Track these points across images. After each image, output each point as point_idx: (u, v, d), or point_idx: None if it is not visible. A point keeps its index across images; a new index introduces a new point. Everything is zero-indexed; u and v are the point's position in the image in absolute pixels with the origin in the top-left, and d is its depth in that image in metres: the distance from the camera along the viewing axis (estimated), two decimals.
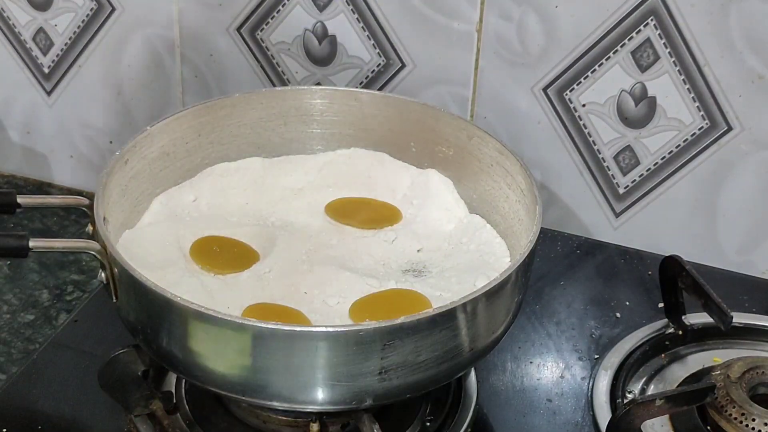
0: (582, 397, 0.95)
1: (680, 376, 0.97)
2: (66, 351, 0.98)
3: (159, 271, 0.87)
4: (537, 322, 1.03)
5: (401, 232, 0.97)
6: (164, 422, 0.88)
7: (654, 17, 1.03)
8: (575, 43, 1.07)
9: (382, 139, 1.02)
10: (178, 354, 0.79)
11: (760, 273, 1.11)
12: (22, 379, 0.95)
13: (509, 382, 0.97)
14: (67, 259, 1.15)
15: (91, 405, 0.92)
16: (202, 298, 0.84)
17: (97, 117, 1.26)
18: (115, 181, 0.89)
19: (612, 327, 1.03)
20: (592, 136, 1.11)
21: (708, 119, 1.06)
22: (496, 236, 0.95)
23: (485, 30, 1.08)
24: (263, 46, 1.16)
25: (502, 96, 1.11)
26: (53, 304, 1.10)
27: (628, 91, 1.07)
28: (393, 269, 0.93)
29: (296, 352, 0.75)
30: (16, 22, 1.23)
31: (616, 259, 1.12)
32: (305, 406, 0.79)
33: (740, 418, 0.87)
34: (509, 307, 0.83)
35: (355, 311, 0.86)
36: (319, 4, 1.12)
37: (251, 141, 1.02)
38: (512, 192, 0.93)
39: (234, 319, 0.76)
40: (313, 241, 0.95)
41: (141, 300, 0.79)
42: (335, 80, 1.16)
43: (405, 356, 0.76)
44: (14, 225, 1.20)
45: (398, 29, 1.11)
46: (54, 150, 1.29)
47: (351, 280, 0.90)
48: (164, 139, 0.96)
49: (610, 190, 1.13)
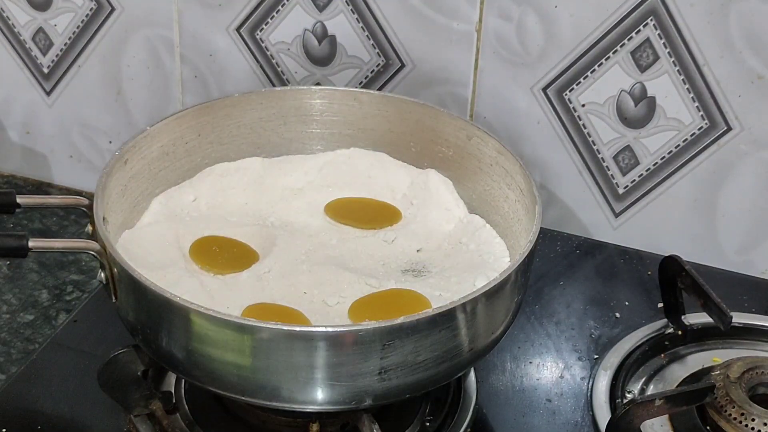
0: (581, 397, 0.95)
1: (680, 376, 0.97)
2: (65, 351, 0.98)
3: (158, 271, 0.87)
4: (536, 322, 1.03)
5: (401, 232, 0.97)
6: (164, 422, 0.88)
7: (653, 17, 1.03)
8: (575, 43, 1.07)
9: (382, 139, 1.02)
10: (178, 354, 0.79)
11: (760, 273, 1.11)
12: (22, 379, 0.95)
13: (509, 382, 0.97)
14: (66, 259, 1.15)
15: (91, 405, 0.92)
16: (202, 298, 0.84)
17: (97, 117, 1.26)
18: (114, 181, 0.89)
19: (611, 327, 1.03)
20: (592, 136, 1.11)
21: (707, 119, 1.06)
22: (495, 236, 0.95)
23: (485, 30, 1.09)
24: (263, 46, 1.16)
25: (502, 96, 1.11)
26: (53, 304, 1.10)
27: (627, 91, 1.07)
28: (392, 269, 0.93)
29: (296, 352, 0.75)
30: (15, 22, 1.23)
31: (615, 259, 1.12)
32: (305, 406, 0.79)
33: (740, 418, 0.87)
34: (509, 307, 0.83)
35: (354, 311, 0.86)
36: (318, 4, 1.12)
37: (251, 141, 1.02)
38: (512, 192, 0.93)
39: (234, 319, 0.76)
40: (312, 241, 0.95)
41: (140, 300, 0.79)
42: (335, 80, 1.16)
43: (404, 356, 0.76)
44: (14, 225, 1.20)
45: (398, 29, 1.11)
46: (53, 150, 1.29)
47: (350, 280, 0.90)
48: (164, 139, 0.96)
49: (609, 190, 1.13)
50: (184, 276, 0.88)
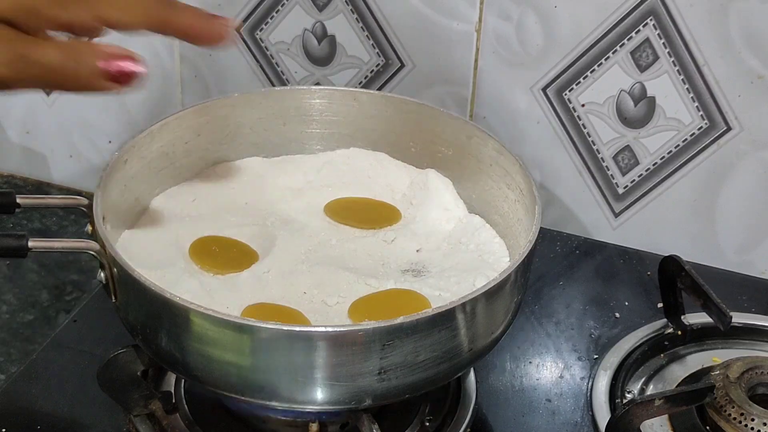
0: (581, 397, 0.95)
1: (679, 376, 0.97)
2: (65, 351, 0.98)
3: (158, 271, 0.87)
4: (536, 322, 1.03)
5: (400, 232, 0.97)
6: (163, 422, 0.88)
7: (653, 17, 1.03)
8: (574, 43, 1.07)
9: (382, 138, 1.02)
10: (178, 354, 0.79)
11: (760, 273, 1.11)
12: (22, 379, 0.95)
13: (508, 382, 0.97)
14: (66, 259, 1.15)
15: (90, 405, 0.92)
16: (202, 298, 0.84)
17: (97, 117, 1.26)
18: (114, 181, 0.89)
19: (611, 327, 1.03)
20: (592, 136, 1.11)
21: (707, 119, 1.06)
22: (495, 236, 0.95)
23: (484, 30, 1.09)
24: (262, 46, 1.16)
25: (502, 96, 1.11)
26: (52, 304, 1.10)
27: (627, 91, 1.07)
28: (392, 269, 0.93)
29: (295, 352, 0.75)
30: None
31: (615, 259, 1.12)
32: (304, 406, 0.79)
33: (739, 418, 0.87)
34: (508, 307, 0.83)
35: (354, 311, 0.86)
36: (318, 4, 1.12)
37: (250, 141, 1.02)
38: (511, 192, 0.93)
39: (233, 319, 0.76)
40: (312, 241, 0.95)
41: (140, 300, 0.79)
42: (334, 80, 1.16)
43: (404, 356, 0.76)
44: (13, 225, 1.20)
45: (397, 29, 1.11)
46: (53, 150, 1.29)
47: (350, 280, 0.90)
48: (163, 139, 0.96)
49: (609, 190, 1.13)
50: (183, 276, 0.88)
